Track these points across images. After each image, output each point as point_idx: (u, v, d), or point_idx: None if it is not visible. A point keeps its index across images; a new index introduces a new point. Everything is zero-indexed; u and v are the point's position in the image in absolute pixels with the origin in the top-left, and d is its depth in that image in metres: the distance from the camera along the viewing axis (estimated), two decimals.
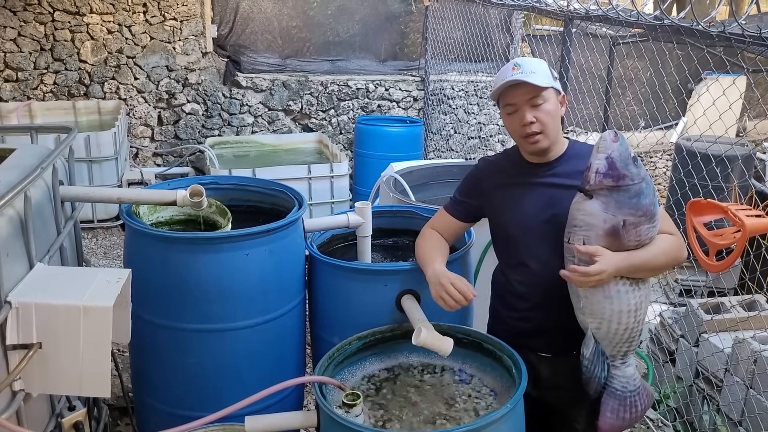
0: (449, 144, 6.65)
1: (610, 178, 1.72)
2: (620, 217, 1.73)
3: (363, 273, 2.20)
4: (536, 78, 1.82)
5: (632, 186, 1.73)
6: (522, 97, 1.85)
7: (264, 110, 6.11)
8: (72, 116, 5.45)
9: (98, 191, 2.35)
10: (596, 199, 1.74)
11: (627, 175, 1.72)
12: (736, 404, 2.76)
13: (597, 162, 1.73)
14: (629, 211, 1.73)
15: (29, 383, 1.59)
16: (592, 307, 1.81)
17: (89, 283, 1.65)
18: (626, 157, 1.73)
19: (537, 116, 1.85)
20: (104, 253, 4.52)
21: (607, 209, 1.73)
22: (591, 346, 1.86)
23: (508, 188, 1.99)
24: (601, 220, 1.73)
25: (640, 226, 1.75)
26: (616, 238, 1.73)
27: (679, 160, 3.80)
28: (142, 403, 2.37)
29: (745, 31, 2.47)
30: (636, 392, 1.90)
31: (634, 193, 1.73)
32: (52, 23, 5.42)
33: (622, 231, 1.73)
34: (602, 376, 1.88)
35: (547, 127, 1.86)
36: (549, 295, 1.91)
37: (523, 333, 1.99)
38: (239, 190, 2.62)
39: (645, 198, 1.74)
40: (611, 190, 1.73)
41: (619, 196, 1.73)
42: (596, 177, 1.73)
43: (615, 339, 1.84)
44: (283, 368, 2.26)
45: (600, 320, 1.82)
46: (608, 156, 1.72)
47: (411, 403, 1.87)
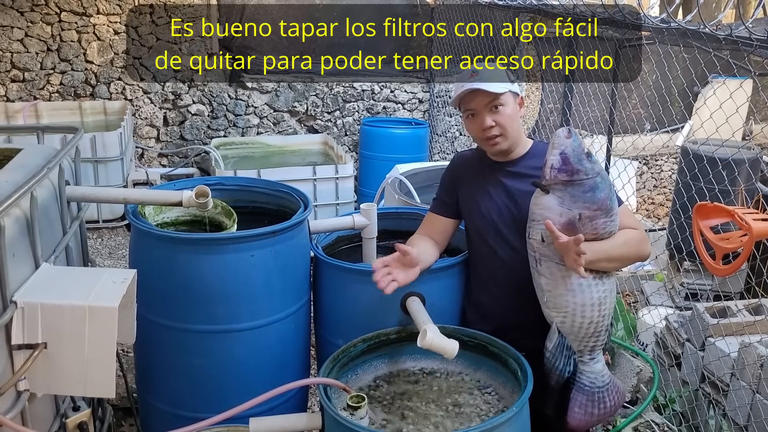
0: (454, 146, 6.64)
1: (564, 173, 1.79)
2: (576, 211, 1.79)
3: (368, 275, 2.18)
4: (492, 84, 1.92)
5: (586, 180, 1.79)
6: (480, 103, 1.94)
7: (269, 111, 6.11)
8: (78, 117, 5.46)
9: (104, 191, 2.36)
10: (552, 194, 1.82)
11: (581, 170, 1.79)
12: (742, 409, 2.75)
13: (552, 158, 1.81)
14: (584, 204, 1.79)
15: (34, 383, 1.60)
16: (555, 300, 1.87)
17: (94, 284, 1.65)
18: (579, 153, 1.80)
19: (496, 119, 1.95)
20: (109, 253, 4.53)
21: (562, 203, 1.80)
22: (554, 339, 1.91)
23: (477, 183, 2.09)
24: (557, 213, 1.80)
25: (596, 219, 1.81)
26: (573, 231, 1.78)
27: (685, 163, 3.79)
28: (146, 404, 2.36)
29: (752, 34, 2.46)
30: (605, 388, 1.94)
31: (588, 188, 1.79)
32: (59, 24, 5.43)
33: (578, 224, 1.79)
34: (565, 370, 1.92)
35: (506, 129, 1.96)
36: (511, 289, 2.01)
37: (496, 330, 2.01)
38: (244, 191, 2.62)
39: (600, 192, 1.80)
40: (566, 184, 1.80)
41: (574, 191, 1.79)
42: (551, 172, 1.81)
43: (580, 333, 1.88)
44: (287, 370, 2.26)
45: (564, 314, 1.87)
46: (562, 152, 1.80)
47: (416, 406, 1.87)
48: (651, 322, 3.55)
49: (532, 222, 1.87)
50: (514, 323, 2.04)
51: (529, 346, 1.95)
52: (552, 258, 1.85)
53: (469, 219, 2.13)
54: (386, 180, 3.44)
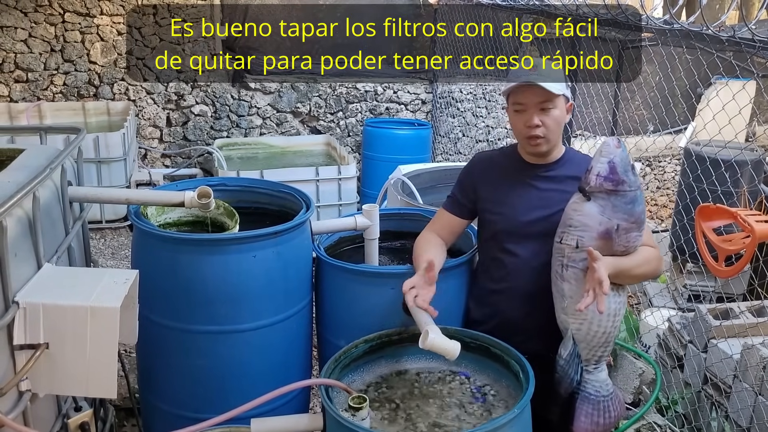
0: (457, 147, 6.64)
1: (610, 182, 1.77)
2: (615, 221, 1.78)
3: (370, 276, 2.20)
4: (550, 84, 1.85)
5: (629, 192, 1.78)
6: (533, 99, 1.87)
7: (272, 112, 6.12)
8: (81, 117, 5.47)
9: (107, 192, 2.36)
10: (594, 202, 1.80)
11: (626, 181, 1.78)
12: (744, 411, 2.74)
13: (599, 165, 1.79)
14: (623, 216, 1.78)
15: (36, 383, 1.60)
16: (575, 307, 1.83)
17: (97, 284, 1.65)
18: (626, 164, 1.79)
19: (544, 120, 1.88)
20: (112, 253, 4.54)
21: (603, 212, 1.78)
22: (569, 347, 1.89)
23: (502, 185, 2.03)
24: (597, 222, 1.79)
25: (631, 232, 1.81)
26: (608, 241, 1.79)
27: (688, 164, 3.78)
28: (149, 405, 2.37)
29: (755, 35, 2.46)
30: (609, 397, 1.94)
31: (630, 200, 1.79)
32: (63, 24, 5.45)
33: (615, 235, 1.79)
34: (575, 378, 1.91)
35: (551, 132, 1.91)
36: (525, 295, 1.98)
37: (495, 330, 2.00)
38: (247, 191, 2.62)
39: (638, 205, 1.80)
40: (609, 193, 1.78)
41: (617, 201, 1.78)
42: (597, 179, 1.78)
43: (593, 341, 1.88)
44: (289, 371, 2.26)
45: (582, 321, 1.86)
46: (610, 161, 1.78)
47: (417, 407, 1.87)
48: (654, 324, 3.54)
49: (568, 227, 1.83)
50: (522, 326, 2.02)
51: (532, 350, 1.93)
52: (580, 266, 1.83)
53: (490, 220, 2.06)
54: (389, 181, 3.44)
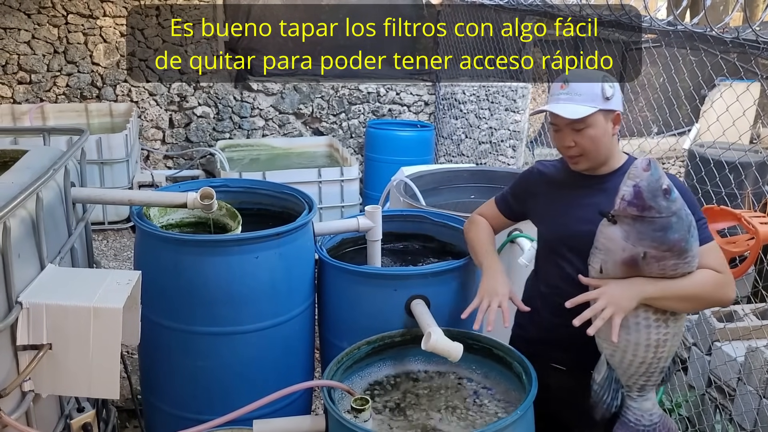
0: (460, 149, 6.63)
1: (634, 207, 1.65)
2: (640, 249, 1.66)
3: (373, 277, 2.20)
4: (576, 105, 1.79)
5: (658, 219, 1.64)
6: (563, 120, 1.82)
7: (275, 114, 6.12)
8: (84, 118, 5.48)
9: (109, 193, 2.36)
10: (619, 226, 1.68)
11: (653, 207, 1.64)
12: (748, 414, 2.73)
13: (624, 189, 1.67)
14: (651, 243, 1.65)
15: (39, 384, 1.60)
16: (607, 332, 1.74)
17: (99, 285, 1.65)
18: (656, 188, 1.64)
19: (577, 140, 1.82)
20: (114, 254, 4.54)
21: (627, 238, 1.67)
22: (603, 372, 1.81)
23: (554, 196, 1.97)
24: (620, 247, 1.68)
25: (665, 261, 1.67)
26: (635, 268, 1.67)
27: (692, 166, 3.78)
28: (151, 406, 2.37)
29: (759, 37, 2.46)
30: (651, 428, 1.82)
31: (659, 227, 1.64)
32: (66, 26, 5.46)
33: (642, 263, 1.66)
34: (612, 404, 1.82)
35: (587, 150, 1.83)
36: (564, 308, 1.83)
37: (540, 341, 1.97)
38: (249, 193, 2.62)
39: (673, 233, 1.64)
40: (635, 219, 1.66)
41: (642, 227, 1.65)
42: (621, 204, 1.67)
43: (629, 370, 1.78)
44: (291, 372, 2.25)
45: (614, 348, 1.76)
46: (636, 184, 1.65)
47: (420, 409, 1.86)
48: None
49: (595, 249, 1.75)
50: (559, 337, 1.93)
51: (569, 362, 1.91)
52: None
53: (540, 229, 2.04)
54: (391, 182, 3.43)
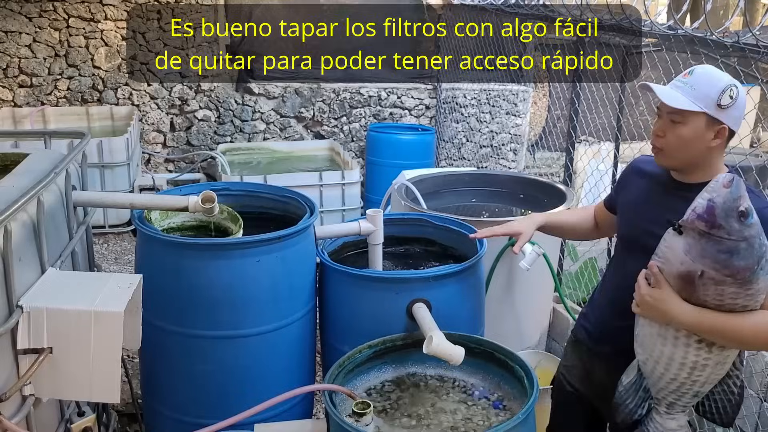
0: (461, 152, 6.64)
1: (703, 222, 1.56)
2: (699, 266, 1.57)
3: (374, 281, 2.20)
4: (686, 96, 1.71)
5: (726, 240, 1.54)
6: (665, 107, 1.75)
7: (276, 117, 6.12)
8: (85, 122, 5.48)
9: (111, 196, 2.36)
10: (684, 238, 1.60)
11: (723, 227, 1.55)
12: (749, 417, 2.73)
13: (699, 200, 1.59)
14: (712, 264, 1.56)
15: (39, 388, 1.59)
16: (644, 338, 1.72)
17: (100, 289, 1.65)
18: (731, 208, 1.55)
19: (667, 132, 1.75)
20: (115, 258, 4.53)
21: (689, 252, 1.59)
22: (632, 376, 1.79)
23: (640, 192, 1.94)
24: (678, 260, 1.60)
25: (724, 286, 1.57)
26: (690, 285, 1.60)
27: None
28: (151, 410, 2.36)
29: (759, 41, 2.46)
30: None
31: (726, 249, 1.55)
32: (67, 29, 5.46)
33: (698, 281, 1.58)
34: (635, 411, 1.79)
35: (671, 148, 1.75)
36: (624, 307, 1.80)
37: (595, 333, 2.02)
38: (251, 196, 2.62)
39: (740, 259, 1.55)
40: (701, 235, 1.57)
41: (707, 245, 1.56)
42: (690, 215, 1.59)
43: (659, 383, 1.73)
44: (292, 376, 2.25)
45: (648, 356, 1.73)
46: (711, 199, 1.57)
47: (421, 413, 1.86)
48: None
49: (655, 256, 1.68)
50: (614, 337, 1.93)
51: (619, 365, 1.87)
52: None
53: (619, 226, 2.01)
54: (393, 186, 3.43)
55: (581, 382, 2.08)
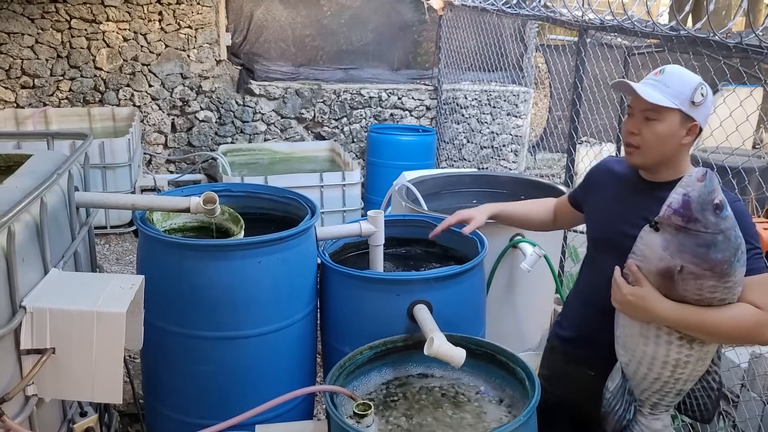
0: (462, 153, 6.64)
1: (679, 217, 1.58)
2: (678, 261, 1.58)
3: (375, 282, 2.20)
4: (659, 93, 1.71)
5: (703, 234, 1.56)
6: (638, 105, 1.76)
7: (277, 118, 6.13)
8: (87, 123, 5.49)
9: (113, 197, 2.36)
10: (661, 234, 1.61)
11: (699, 220, 1.56)
12: (752, 420, 2.72)
13: (674, 196, 1.60)
14: (691, 258, 1.57)
15: (42, 388, 1.60)
16: (625, 339, 1.73)
17: (103, 289, 1.65)
18: (706, 201, 1.56)
19: (642, 130, 1.75)
20: (117, 259, 4.54)
21: (666, 247, 1.60)
22: (617, 381, 1.79)
23: (608, 193, 1.94)
24: (657, 256, 1.61)
25: (703, 279, 1.58)
26: (669, 281, 1.61)
27: None
28: (153, 410, 2.36)
29: (762, 42, 2.46)
30: None
31: (703, 242, 1.56)
32: (69, 31, 5.47)
33: (677, 277, 1.59)
34: (624, 416, 1.79)
35: (647, 146, 1.75)
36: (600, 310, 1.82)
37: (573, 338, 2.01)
38: (252, 197, 2.62)
39: (717, 252, 1.56)
40: (678, 230, 1.58)
41: (685, 240, 1.57)
42: (666, 211, 1.60)
43: (642, 384, 1.74)
44: (293, 377, 2.25)
45: (630, 357, 1.73)
46: (686, 194, 1.58)
47: (422, 415, 1.86)
48: None
49: (632, 255, 1.69)
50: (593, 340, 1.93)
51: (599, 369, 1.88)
52: None
53: (590, 227, 2.00)
54: (393, 187, 3.43)
55: (563, 389, 2.06)
